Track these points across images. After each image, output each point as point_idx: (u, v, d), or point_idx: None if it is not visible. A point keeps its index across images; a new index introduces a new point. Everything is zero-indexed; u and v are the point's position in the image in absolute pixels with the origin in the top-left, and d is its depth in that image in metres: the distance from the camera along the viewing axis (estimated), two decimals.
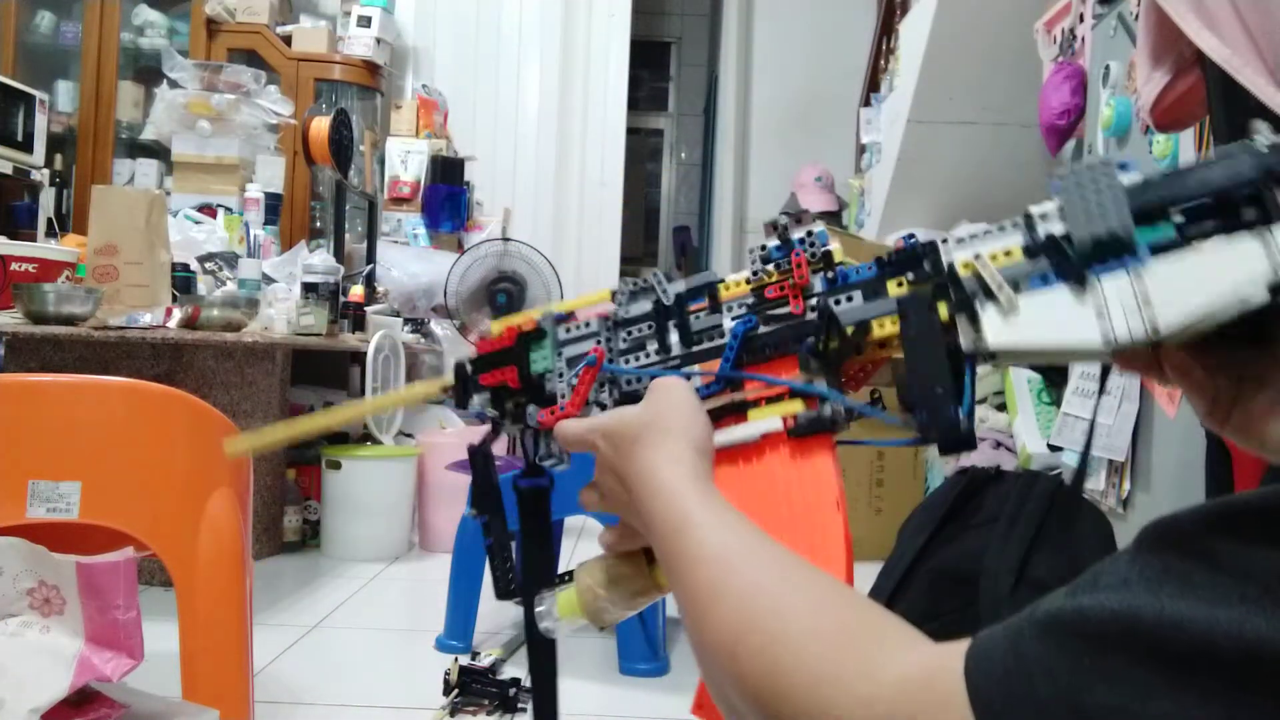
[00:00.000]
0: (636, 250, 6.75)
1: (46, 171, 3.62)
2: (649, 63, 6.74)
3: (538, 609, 0.64)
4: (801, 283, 0.59)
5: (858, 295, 0.56)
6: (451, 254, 3.85)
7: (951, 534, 1.35)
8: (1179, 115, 1.35)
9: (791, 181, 5.00)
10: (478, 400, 0.71)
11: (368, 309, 3.28)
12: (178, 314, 2.36)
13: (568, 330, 0.68)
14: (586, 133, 4.83)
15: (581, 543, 3.16)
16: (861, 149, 4.49)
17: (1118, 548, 0.77)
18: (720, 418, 0.60)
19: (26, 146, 3.43)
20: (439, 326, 3.72)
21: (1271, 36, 1.03)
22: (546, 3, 4.74)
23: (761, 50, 5.44)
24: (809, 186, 4.87)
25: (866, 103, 4.58)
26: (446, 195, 4.18)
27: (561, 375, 0.67)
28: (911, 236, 0.56)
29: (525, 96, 4.75)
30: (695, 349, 0.63)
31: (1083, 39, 2.64)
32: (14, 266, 2.45)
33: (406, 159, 4.24)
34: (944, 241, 0.53)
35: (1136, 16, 1.91)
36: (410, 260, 3.89)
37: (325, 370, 3.31)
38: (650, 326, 0.64)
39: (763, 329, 0.59)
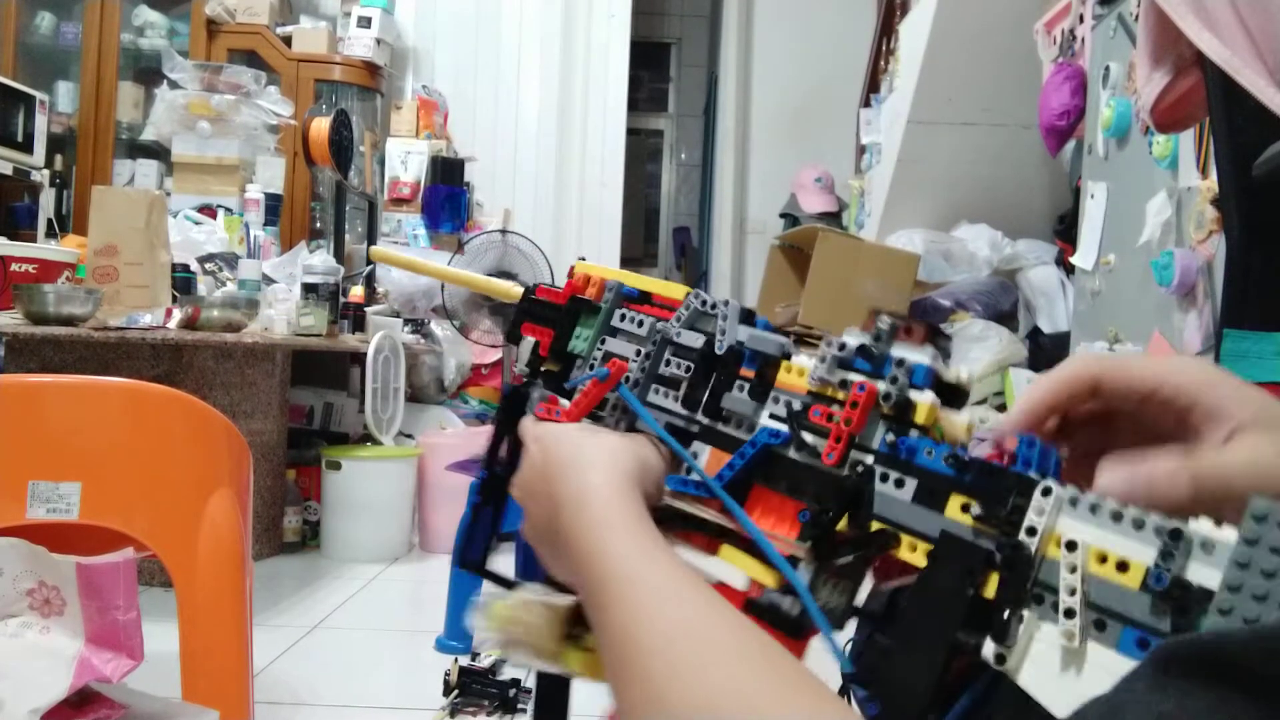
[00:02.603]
0: (636, 251, 6.75)
1: (46, 172, 3.62)
2: (649, 63, 6.74)
3: (475, 607, 0.55)
4: (852, 429, 0.44)
5: (911, 485, 0.41)
6: (452, 255, 3.85)
7: None
8: (1179, 116, 1.35)
9: (791, 182, 5.00)
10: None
11: (368, 309, 3.28)
12: (178, 315, 2.36)
13: (623, 317, 0.57)
14: (586, 133, 4.83)
15: None
16: (861, 150, 4.49)
17: None
18: (689, 530, 0.48)
19: (27, 147, 3.43)
20: (439, 327, 3.72)
21: (1271, 38, 1.03)
22: (546, 4, 4.74)
23: (761, 51, 5.45)
24: (809, 187, 4.87)
25: (866, 103, 4.58)
26: (446, 196, 4.18)
27: (592, 367, 0.57)
28: (1031, 444, 0.40)
29: (525, 97, 4.76)
30: (719, 426, 0.50)
31: (1083, 40, 2.64)
32: (14, 267, 2.45)
33: (406, 159, 4.24)
34: (1045, 491, 0.36)
35: (1136, 17, 1.91)
36: None
37: (325, 371, 3.31)
38: (689, 368, 0.53)
39: (791, 453, 0.46)
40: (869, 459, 0.43)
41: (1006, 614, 0.35)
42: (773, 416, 0.48)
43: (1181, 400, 0.40)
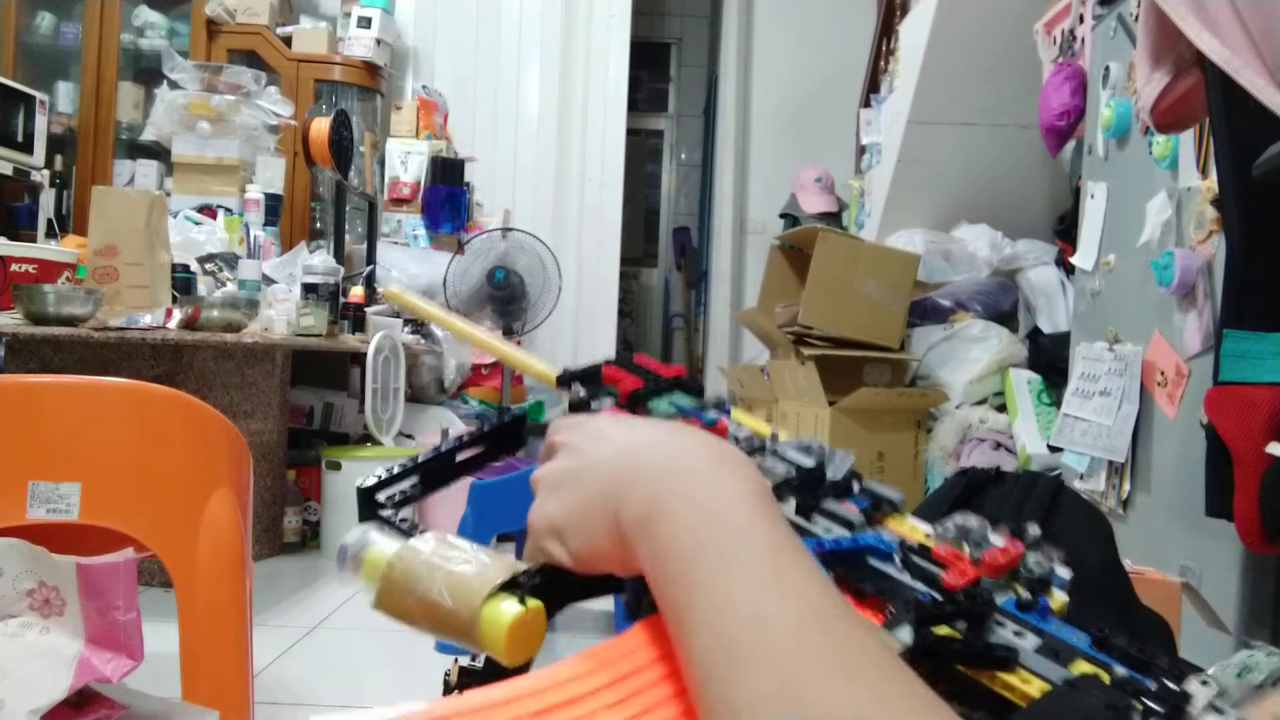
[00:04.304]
0: (637, 251, 6.75)
1: (46, 172, 3.62)
2: (649, 64, 6.74)
3: (345, 541, 0.48)
4: (986, 572, 0.40)
5: (1032, 638, 0.38)
6: (452, 255, 3.85)
7: None
8: (1179, 116, 1.35)
9: (791, 182, 5.00)
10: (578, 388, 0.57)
11: (368, 310, 3.29)
12: (178, 315, 2.36)
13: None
14: (586, 134, 4.83)
15: None
16: (861, 150, 4.49)
17: (1117, 549, 0.77)
18: None
19: (27, 147, 3.43)
20: (439, 327, 3.72)
21: (1271, 38, 1.03)
22: (546, 4, 4.74)
23: (761, 51, 5.45)
24: (809, 187, 4.87)
25: (866, 104, 4.59)
26: (446, 196, 4.18)
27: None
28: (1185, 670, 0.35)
29: (525, 97, 4.76)
30: (804, 522, 0.45)
31: (1083, 40, 2.64)
32: (14, 267, 2.45)
33: (406, 160, 4.24)
34: (1203, 683, 0.33)
35: (1136, 18, 1.91)
36: (410, 261, 3.89)
37: (325, 371, 3.31)
38: (790, 470, 0.47)
39: (884, 565, 0.42)
40: (989, 603, 0.39)
41: None
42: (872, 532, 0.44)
43: None
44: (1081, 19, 2.66)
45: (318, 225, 4.22)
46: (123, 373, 2.40)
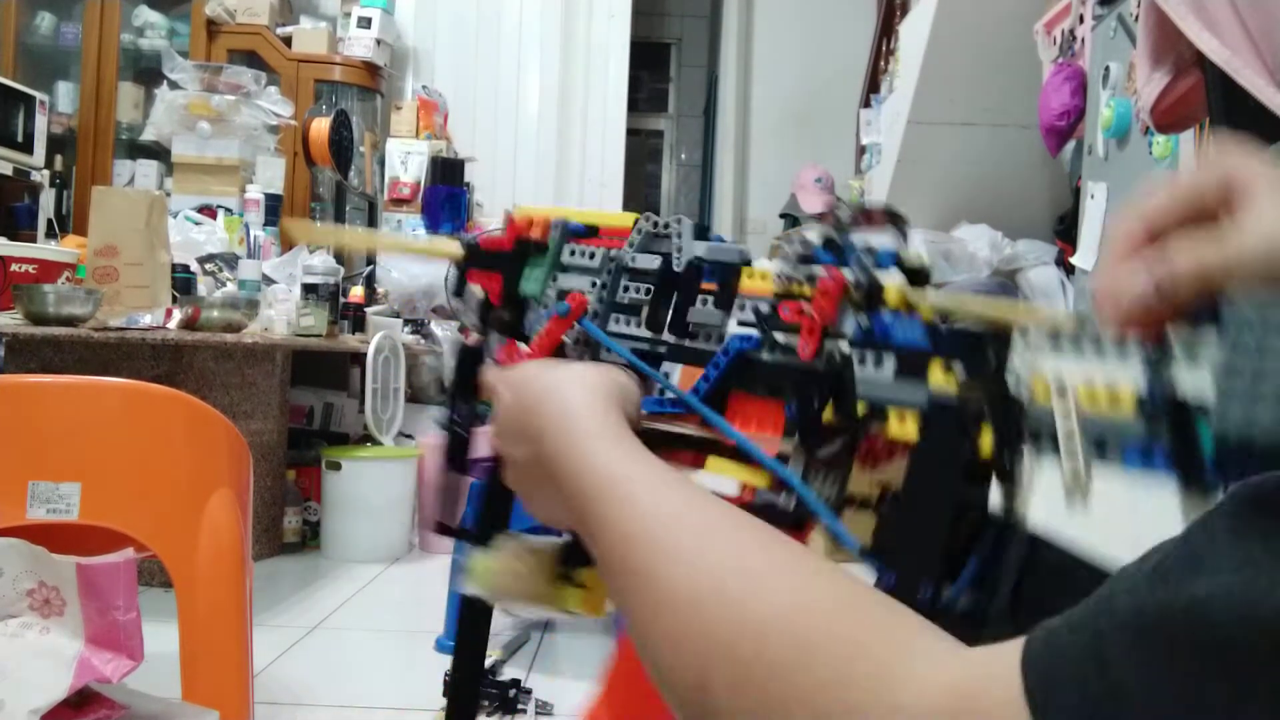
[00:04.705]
0: None
1: (47, 172, 3.62)
2: (649, 64, 6.74)
3: (466, 564, 0.54)
4: (824, 319, 0.43)
5: (890, 362, 0.41)
6: None
7: None
8: (1179, 116, 1.35)
9: (791, 183, 5.00)
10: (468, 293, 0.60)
11: (368, 310, 3.29)
12: (178, 315, 2.36)
13: (572, 253, 0.56)
14: (586, 134, 4.83)
15: None
16: (861, 150, 4.49)
17: None
18: (672, 447, 0.48)
19: (27, 147, 3.43)
20: (439, 327, 3.72)
21: (1271, 38, 1.03)
22: (546, 4, 4.74)
23: (761, 51, 5.45)
24: (809, 188, 4.87)
25: (866, 104, 4.59)
26: (446, 196, 4.18)
27: (546, 309, 0.55)
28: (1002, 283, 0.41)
29: (525, 98, 4.76)
30: (686, 343, 0.50)
31: (1083, 40, 2.64)
32: (14, 267, 2.45)
33: (406, 160, 4.24)
34: (1024, 333, 0.36)
35: (1136, 18, 1.91)
36: (410, 261, 3.89)
37: (325, 371, 3.31)
38: (649, 291, 0.52)
39: (765, 355, 0.46)
40: (844, 346, 0.43)
41: (1007, 464, 0.35)
42: (741, 324, 0.47)
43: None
44: (1081, 19, 2.66)
45: (318, 225, 4.22)
46: (123, 373, 2.40)
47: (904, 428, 0.40)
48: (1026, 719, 0.26)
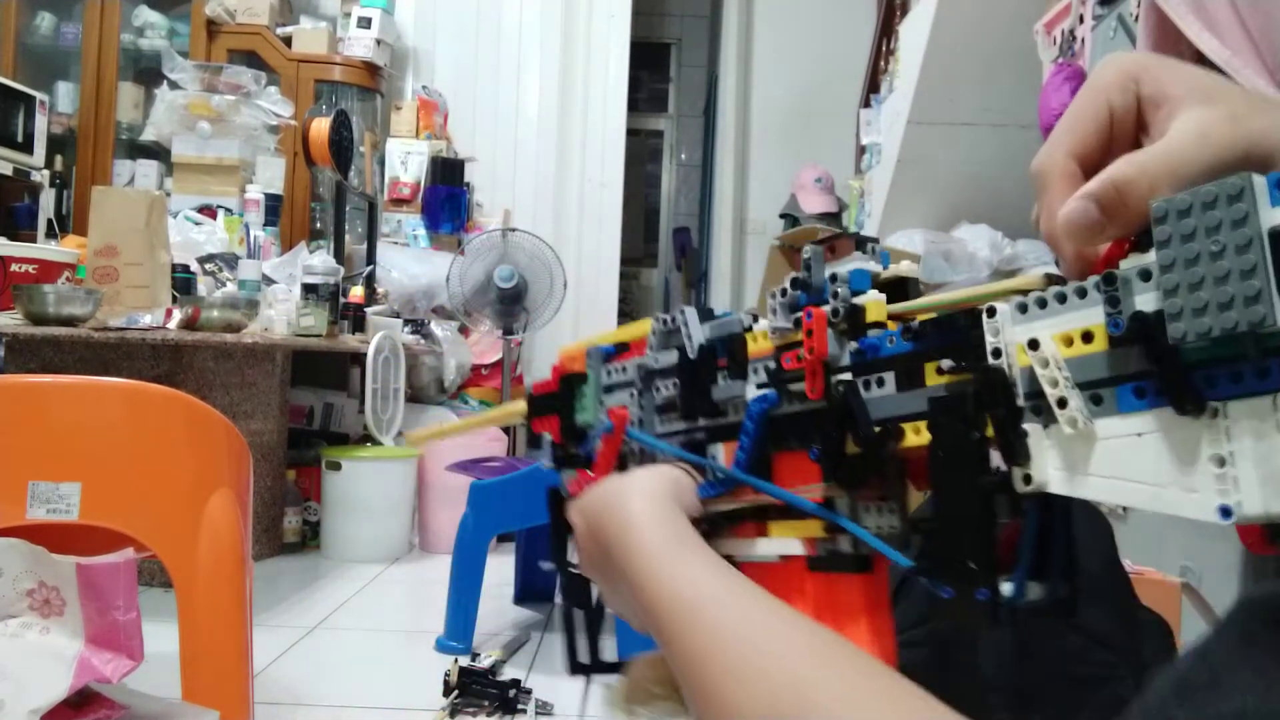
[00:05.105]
0: (637, 252, 6.75)
1: (46, 172, 3.62)
2: (649, 64, 6.74)
3: (609, 695, 0.57)
4: (819, 357, 0.43)
5: (889, 379, 0.41)
6: (452, 255, 3.85)
7: None
8: None
9: (791, 183, 5.00)
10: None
11: (368, 310, 3.29)
12: (178, 315, 2.36)
13: (609, 373, 0.59)
14: (586, 134, 4.83)
15: None
16: (861, 150, 4.49)
17: (1117, 549, 0.77)
18: (737, 523, 0.49)
19: (27, 147, 3.43)
20: (439, 327, 3.72)
21: (1271, 39, 1.03)
22: (546, 4, 4.74)
23: (761, 51, 5.45)
24: (809, 188, 4.87)
25: (866, 104, 4.59)
26: (446, 196, 4.18)
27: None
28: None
29: (525, 98, 4.75)
30: (719, 421, 0.51)
31: (1083, 40, 2.64)
32: (14, 267, 2.45)
33: (406, 160, 4.24)
34: (989, 313, 0.37)
35: (1136, 18, 1.91)
36: (410, 261, 3.89)
37: (325, 371, 3.31)
38: (676, 384, 0.53)
39: (785, 408, 0.46)
40: (847, 376, 0.43)
41: (1011, 437, 0.35)
42: (759, 387, 0.48)
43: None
44: (1081, 19, 2.66)
45: (318, 225, 4.22)
46: (123, 373, 2.40)
47: (919, 438, 0.40)
48: None
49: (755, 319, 0.50)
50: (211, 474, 1.23)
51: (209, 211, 3.42)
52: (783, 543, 0.46)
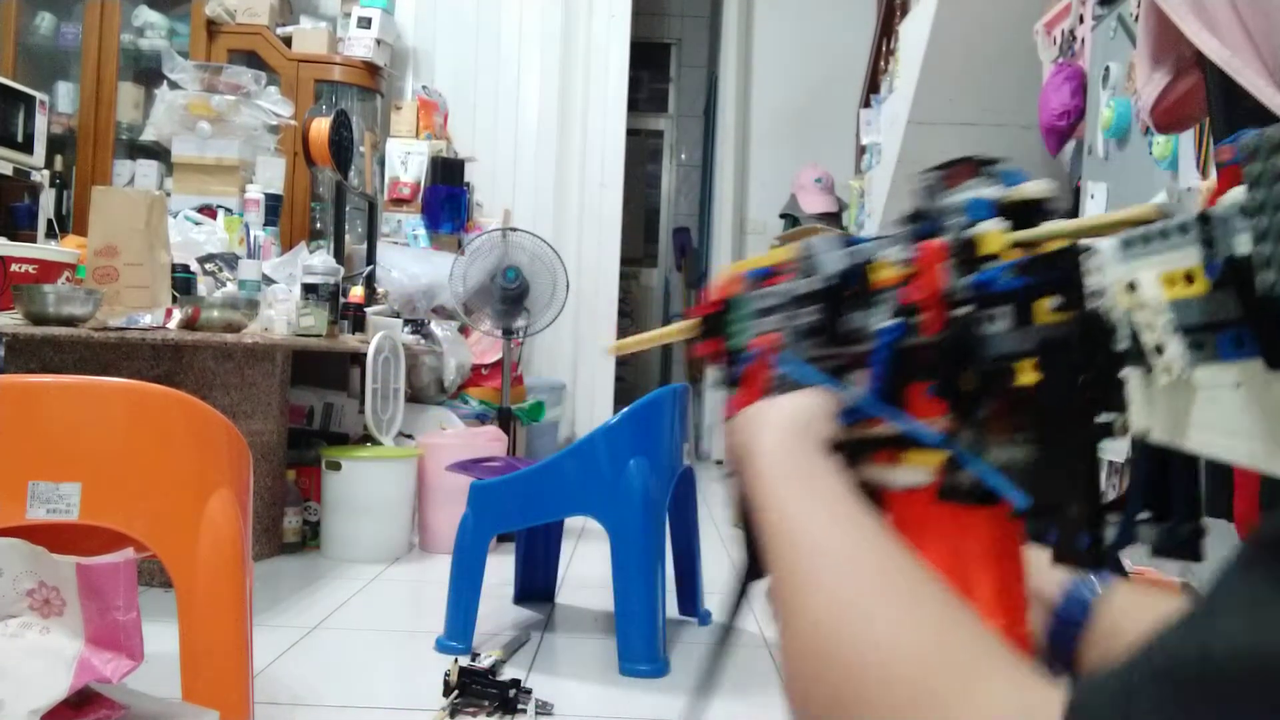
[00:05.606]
0: (637, 251, 6.75)
1: (47, 173, 3.62)
2: (649, 64, 6.74)
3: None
4: (932, 292, 0.43)
5: (1003, 314, 0.40)
6: (452, 255, 3.85)
7: None
8: (1179, 116, 1.35)
9: (791, 183, 5.00)
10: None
11: (368, 310, 3.28)
12: (178, 315, 2.36)
13: (761, 297, 0.57)
14: (586, 134, 4.83)
15: (581, 544, 3.16)
16: (861, 150, 4.49)
17: None
18: (875, 450, 0.49)
19: (27, 148, 3.43)
20: (439, 327, 3.72)
21: (1271, 38, 1.03)
22: (546, 4, 4.74)
23: (761, 51, 5.45)
24: (809, 188, 4.88)
25: (866, 104, 4.59)
26: (446, 196, 4.18)
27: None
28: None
29: (525, 98, 4.76)
30: (854, 349, 0.50)
31: (1083, 40, 2.64)
32: (14, 267, 2.45)
33: (406, 160, 4.24)
34: (1086, 250, 0.36)
35: (1136, 18, 1.91)
36: (410, 261, 3.89)
37: (325, 371, 3.31)
38: (822, 309, 0.52)
39: (910, 340, 0.45)
40: (966, 309, 0.42)
41: (1109, 383, 0.35)
42: (895, 315, 0.48)
43: None
44: (1081, 19, 2.66)
45: (318, 225, 4.23)
46: (123, 373, 2.40)
47: (1031, 375, 0.39)
48: None
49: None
50: (211, 474, 1.23)
51: (209, 211, 3.42)
52: (914, 471, 0.46)
